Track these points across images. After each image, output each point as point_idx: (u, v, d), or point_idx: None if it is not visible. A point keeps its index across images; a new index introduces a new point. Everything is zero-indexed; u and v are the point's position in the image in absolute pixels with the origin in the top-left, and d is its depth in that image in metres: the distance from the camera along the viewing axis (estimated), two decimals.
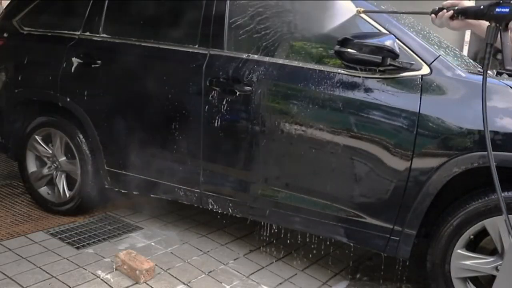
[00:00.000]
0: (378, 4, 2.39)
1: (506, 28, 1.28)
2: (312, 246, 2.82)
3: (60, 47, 2.93)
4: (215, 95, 2.44)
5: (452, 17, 1.46)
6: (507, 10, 1.26)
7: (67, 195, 3.02)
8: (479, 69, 2.65)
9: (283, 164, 2.39)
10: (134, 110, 2.71)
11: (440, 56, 2.13)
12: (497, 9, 1.29)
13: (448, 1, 1.52)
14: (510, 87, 1.99)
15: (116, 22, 2.88)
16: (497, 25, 1.29)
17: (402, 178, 2.10)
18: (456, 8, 1.45)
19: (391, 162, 2.11)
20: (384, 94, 2.12)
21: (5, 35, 3.24)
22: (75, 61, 2.86)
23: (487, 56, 1.29)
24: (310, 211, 2.35)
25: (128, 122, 2.73)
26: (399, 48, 2.08)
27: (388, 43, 2.04)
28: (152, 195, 2.81)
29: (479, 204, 2.01)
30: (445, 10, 1.48)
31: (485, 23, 1.38)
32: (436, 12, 1.52)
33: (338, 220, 2.30)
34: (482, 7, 1.34)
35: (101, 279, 2.34)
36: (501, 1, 1.29)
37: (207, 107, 2.46)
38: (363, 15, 2.21)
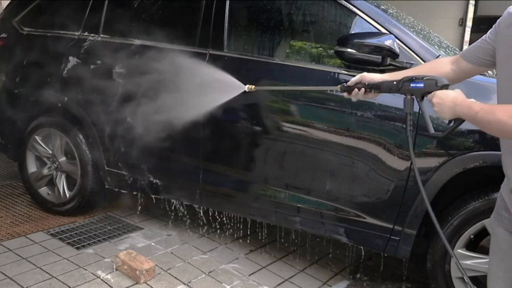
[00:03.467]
0: (378, 4, 2.39)
1: (422, 99, 1.47)
2: (312, 246, 2.82)
3: (60, 47, 2.93)
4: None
5: (365, 91, 1.62)
6: (421, 85, 1.44)
7: (67, 196, 3.02)
8: None
9: (283, 164, 2.39)
10: (134, 110, 2.70)
11: (440, 56, 2.13)
12: (412, 84, 1.47)
13: (353, 80, 1.67)
14: None
15: (116, 22, 2.88)
16: (413, 96, 1.48)
17: (402, 178, 2.10)
18: (367, 83, 1.62)
19: (391, 162, 2.11)
20: (384, 94, 2.11)
21: (5, 35, 3.25)
22: (75, 61, 2.86)
23: (409, 123, 1.48)
24: (310, 211, 2.35)
25: (128, 122, 2.73)
26: (399, 47, 2.08)
27: (388, 42, 2.04)
28: (152, 195, 2.81)
29: (479, 204, 2.01)
30: (356, 89, 1.64)
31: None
32: (346, 90, 1.68)
33: (338, 220, 2.30)
34: (394, 82, 1.52)
35: (101, 279, 2.34)
36: (414, 78, 1.47)
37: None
38: (363, 15, 2.23)
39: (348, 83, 1.67)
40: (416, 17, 2.81)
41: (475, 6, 8.03)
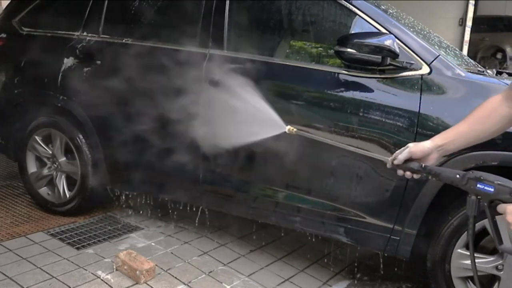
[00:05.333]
0: (378, 4, 2.39)
1: (490, 205, 1.17)
2: (312, 246, 2.82)
3: (60, 47, 2.93)
4: (214, 94, 2.44)
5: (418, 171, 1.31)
6: (491, 189, 1.14)
7: (67, 196, 3.02)
8: (479, 69, 2.66)
9: (283, 164, 2.38)
10: (134, 111, 2.70)
11: (440, 56, 2.13)
12: (479, 185, 1.17)
13: (401, 157, 1.30)
14: None
15: (116, 22, 2.88)
16: (479, 198, 1.18)
17: (402, 178, 2.09)
18: (423, 165, 1.29)
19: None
20: (384, 94, 2.12)
21: (5, 35, 3.25)
22: (75, 61, 2.86)
23: (470, 226, 1.22)
24: (310, 211, 2.35)
25: (128, 122, 2.73)
26: (398, 47, 2.08)
27: (387, 42, 2.04)
28: (152, 195, 2.81)
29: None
30: (409, 173, 1.31)
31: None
32: (399, 167, 1.33)
33: (338, 219, 2.30)
34: (457, 176, 1.22)
35: (102, 280, 2.34)
36: (481, 177, 1.17)
37: (207, 106, 2.46)
38: (363, 15, 2.23)
39: (397, 161, 1.31)
40: (416, 17, 2.81)
41: (475, 6, 8.05)
